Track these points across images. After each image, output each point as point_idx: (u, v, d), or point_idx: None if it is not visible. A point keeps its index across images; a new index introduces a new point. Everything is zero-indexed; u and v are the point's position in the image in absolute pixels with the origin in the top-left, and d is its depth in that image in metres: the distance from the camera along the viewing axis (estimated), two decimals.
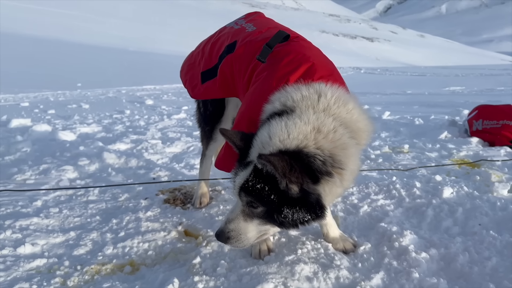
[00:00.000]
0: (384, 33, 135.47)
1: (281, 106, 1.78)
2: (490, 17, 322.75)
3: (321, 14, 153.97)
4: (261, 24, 2.40)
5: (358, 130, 1.74)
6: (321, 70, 1.88)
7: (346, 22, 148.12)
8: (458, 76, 18.93)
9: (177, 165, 3.90)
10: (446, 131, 4.68)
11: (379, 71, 25.68)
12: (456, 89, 11.12)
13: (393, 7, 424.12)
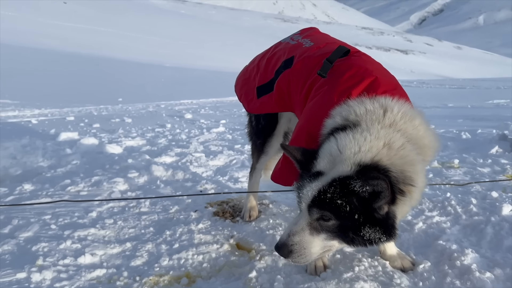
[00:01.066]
0: (419, 45, 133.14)
1: (342, 121, 1.76)
2: None
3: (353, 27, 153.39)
4: (319, 39, 2.41)
5: (424, 146, 1.71)
6: (385, 85, 1.86)
7: (379, 34, 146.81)
8: (500, 88, 18.24)
9: (221, 178, 3.93)
10: (497, 145, 4.50)
11: (416, 84, 25.16)
12: (500, 102, 10.70)
13: (428, 19, 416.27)
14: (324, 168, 1.66)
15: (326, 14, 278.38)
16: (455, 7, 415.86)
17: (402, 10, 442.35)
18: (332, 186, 1.58)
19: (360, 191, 1.53)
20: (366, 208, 1.56)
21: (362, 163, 1.58)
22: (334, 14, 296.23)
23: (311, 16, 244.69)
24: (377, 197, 1.54)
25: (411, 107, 1.83)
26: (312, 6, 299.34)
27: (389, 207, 1.59)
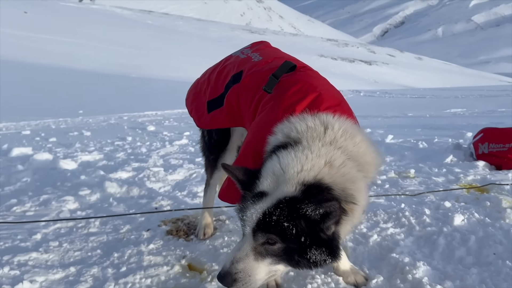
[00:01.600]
0: (382, 56, 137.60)
1: (284, 138, 1.72)
2: (486, 39, 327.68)
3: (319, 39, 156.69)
4: (267, 54, 2.39)
5: (365, 163, 1.69)
6: (328, 100, 1.85)
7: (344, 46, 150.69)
8: (458, 97, 19.02)
9: (179, 194, 3.83)
10: (452, 154, 4.62)
11: (379, 94, 25.81)
12: (457, 111, 11.13)
13: (390, 31, 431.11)
14: (268, 188, 1.60)
15: (292, 26, 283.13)
16: (415, 20, 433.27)
17: (365, 22, 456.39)
18: (278, 208, 1.52)
19: (312, 214, 1.49)
20: (313, 230, 1.52)
21: (306, 182, 1.54)
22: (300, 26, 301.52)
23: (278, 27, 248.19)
24: (327, 217, 1.50)
25: (353, 124, 1.81)
26: (278, 18, 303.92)
27: (335, 227, 1.56)
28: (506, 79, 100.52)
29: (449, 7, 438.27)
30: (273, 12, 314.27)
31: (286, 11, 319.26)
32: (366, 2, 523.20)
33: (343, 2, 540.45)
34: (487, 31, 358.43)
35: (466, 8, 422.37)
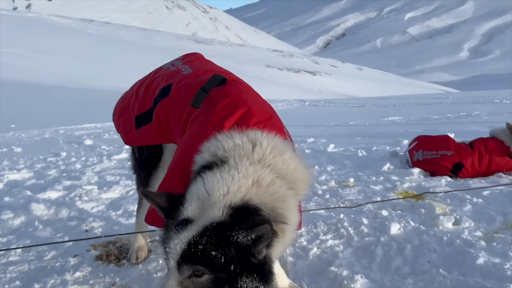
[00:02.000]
0: (325, 67, 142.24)
1: (210, 157, 1.63)
2: (421, 50, 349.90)
3: (265, 50, 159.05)
4: (198, 66, 2.30)
5: (295, 180, 1.63)
6: (258, 115, 1.78)
7: (289, 57, 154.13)
8: (395, 106, 19.92)
9: (114, 213, 3.60)
10: (389, 162, 4.76)
11: (323, 103, 26.49)
12: (395, 119, 11.64)
13: (332, 42, 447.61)
14: (193, 214, 1.48)
15: (239, 37, 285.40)
16: (355, 32, 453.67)
17: (308, 34, 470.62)
18: (204, 236, 1.40)
19: (243, 240, 1.39)
20: (243, 256, 1.42)
21: (233, 205, 1.45)
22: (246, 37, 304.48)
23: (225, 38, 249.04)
24: (258, 241, 1.41)
25: (282, 141, 1.74)
26: (225, 29, 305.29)
27: (266, 250, 1.47)
28: (440, 87, 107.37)
29: (386, 20, 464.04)
30: (219, 23, 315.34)
31: (232, 22, 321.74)
32: (308, 14, 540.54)
33: (287, 14, 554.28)
34: (421, 43, 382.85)
35: (402, 21, 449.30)
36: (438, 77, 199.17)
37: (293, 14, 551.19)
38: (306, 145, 7.23)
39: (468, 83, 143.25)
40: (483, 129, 7.76)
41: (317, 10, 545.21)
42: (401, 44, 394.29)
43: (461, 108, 13.95)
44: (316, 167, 5.04)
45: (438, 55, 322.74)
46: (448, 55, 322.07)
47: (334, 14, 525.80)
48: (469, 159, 4.35)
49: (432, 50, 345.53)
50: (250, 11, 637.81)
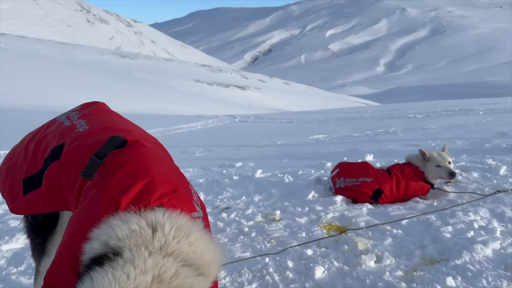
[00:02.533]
0: (254, 81, 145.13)
1: (101, 247, 1.38)
2: (342, 66, 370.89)
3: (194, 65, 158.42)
4: (96, 122, 2.03)
5: (205, 264, 1.44)
6: (162, 187, 1.57)
7: (218, 72, 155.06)
8: (320, 121, 20.69)
9: (15, 270, 3.16)
10: (313, 190, 4.79)
11: (252, 119, 26.76)
12: (319, 137, 12.02)
13: (259, 58, 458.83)
14: None
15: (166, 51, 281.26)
16: (281, 48, 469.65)
17: (236, 49, 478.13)
18: None
19: None
20: None
21: None
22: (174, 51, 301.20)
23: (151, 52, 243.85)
24: None
25: (188, 219, 1.53)
26: (151, 43, 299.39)
27: None
28: (360, 100, 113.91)
29: (309, 37, 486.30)
30: (145, 37, 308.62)
31: (159, 36, 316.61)
32: (235, 30, 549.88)
33: (214, 30, 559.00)
34: (342, 58, 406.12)
35: (323, 38, 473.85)
36: (358, 90, 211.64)
37: (220, 30, 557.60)
38: (234, 170, 7.14)
39: (385, 95, 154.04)
40: (399, 147, 8.26)
41: (244, 26, 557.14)
42: (323, 59, 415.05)
43: (379, 124, 14.83)
44: (243, 198, 4.95)
45: (357, 70, 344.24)
46: (366, 70, 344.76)
47: (260, 30, 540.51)
48: (387, 185, 4.51)
49: (351, 65, 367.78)
50: (176, 26, 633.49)
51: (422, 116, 17.47)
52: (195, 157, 9.48)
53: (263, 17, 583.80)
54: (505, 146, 7.21)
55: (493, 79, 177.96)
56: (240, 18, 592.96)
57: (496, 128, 9.96)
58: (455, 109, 20.21)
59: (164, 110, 45.39)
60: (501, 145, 7.35)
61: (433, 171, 4.58)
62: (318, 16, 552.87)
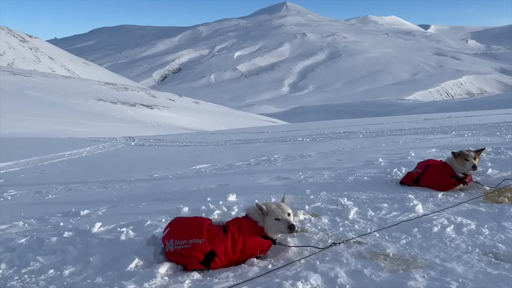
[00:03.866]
0: (162, 100, 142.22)
1: None
2: (250, 85, 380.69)
3: (96, 83, 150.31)
4: None
5: None
6: None
7: (124, 90, 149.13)
8: (218, 145, 20.13)
9: None
10: (138, 257, 3.99)
11: (151, 142, 25.37)
12: (201, 167, 11.28)
13: (168, 76, 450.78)
14: None
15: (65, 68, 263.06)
16: (190, 67, 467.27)
17: (144, 67, 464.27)
18: None
19: None
20: None
21: None
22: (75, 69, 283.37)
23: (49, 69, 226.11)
24: None
25: None
26: (48, 60, 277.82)
27: None
28: (267, 118, 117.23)
29: (217, 57, 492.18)
30: (42, 53, 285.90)
31: (58, 52, 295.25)
32: (142, 48, 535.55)
33: (119, 47, 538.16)
34: (250, 79, 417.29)
35: (232, 58, 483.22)
36: (266, 109, 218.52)
37: (126, 47, 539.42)
38: (74, 221, 6.04)
39: (291, 114, 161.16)
40: (269, 181, 7.90)
41: (151, 44, 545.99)
42: (232, 79, 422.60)
43: (267, 150, 14.65)
44: (51, 272, 3.97)
45: (264, 90, 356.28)
46: (272, 90, 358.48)
47: (168, 49, 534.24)
48: (221, 245, 3.90)
49: (259, 85, 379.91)
50: (78, 42, 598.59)
51: (309, 140, 17.83)
52: (44, 201, 8.14)
53: (171, 36, 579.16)
54: (366, 179, 7.21)
55: (383, 98, 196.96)
56: (147, 36, 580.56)
57: (366, 156, 10.21)
58: (340, 131, 21.17)
59: (58, 132, 41.54)
60: (363, 177, 7.33)
61: (273, 225, 4.12)
62: (225, 38, 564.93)
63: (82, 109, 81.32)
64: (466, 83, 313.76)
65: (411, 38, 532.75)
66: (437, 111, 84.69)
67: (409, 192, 5.94)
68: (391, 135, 16.71)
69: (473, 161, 5.86)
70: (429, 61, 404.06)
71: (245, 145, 19.04)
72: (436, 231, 4.32)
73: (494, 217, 4.62)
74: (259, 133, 29.54)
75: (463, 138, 12.68)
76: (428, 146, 11.10)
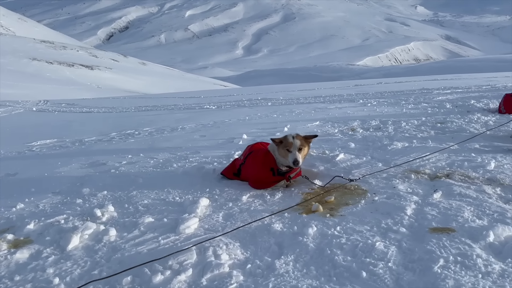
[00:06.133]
0: (105, 60, 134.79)
1: None
2: (203, 47, 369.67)
3: (31, 40, 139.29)
4: None
5: None
6: None
7: (62, 49, 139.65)
8: (121, 112, 17.89)
9: None
10: None
11: (63, 106, 22.36)
12: (41, 144, 9.13)
13: (115, 35, 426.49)
14: None
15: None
16: (138, 25, 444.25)
17: (88, 25, 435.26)
18: None
19: None
20: None
21: None
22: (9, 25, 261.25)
23: None
24: None
25: None
26: None
27: None
28: (219, 82, 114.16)
29: (168, 16, 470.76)
30: None
31: None
32: (86, 4, 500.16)
33: (60, 2, 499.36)
34: (203, 40, 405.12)
35: (183, 17, 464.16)
36: (219, 72, 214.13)
37: (68, 3, 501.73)
38: None
39: (244, 77, 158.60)
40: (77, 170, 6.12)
41: (95, 0, 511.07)
42: (184, 40, 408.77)
43: (150, 120, 12.69)
44: None
45: (218, 52, 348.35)
46: (226, 52, 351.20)
47: (114, 5, 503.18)
48: None
49: (212, 47, 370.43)
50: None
51: (214, 108, 16.13)
52: None
53: None
54: (183, 171, 5.57)
55: (334, 63, 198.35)
56: None
57: (237, 131, 8.62)
58: (258, 98, 19.55)
59: None
60: (183, 167, 5.69)
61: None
62: None
63: (13, 69, 74.68)
64: (413, 49, 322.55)
65: (364, 2, 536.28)
66: (384, 76, 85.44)
67: (212, 192, 4.39)
68: (298, 103, 15.32)
69: (296, 154, 4.31)
70: (380, 26, 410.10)
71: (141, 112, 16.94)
72: None
73: (279, 243, 3.14)
74: (190, 98, 27.30)
75: (361, 108, 11.43)
76: (316, 118, 9.74)
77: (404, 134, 6.84)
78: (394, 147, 5.85)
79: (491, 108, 9.26)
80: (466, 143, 5.76)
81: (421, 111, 9.68)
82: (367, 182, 4.36)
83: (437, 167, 4.71)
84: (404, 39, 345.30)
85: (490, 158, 4.91)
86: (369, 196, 3.93)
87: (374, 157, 5.39)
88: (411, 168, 4.77)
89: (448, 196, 3.81)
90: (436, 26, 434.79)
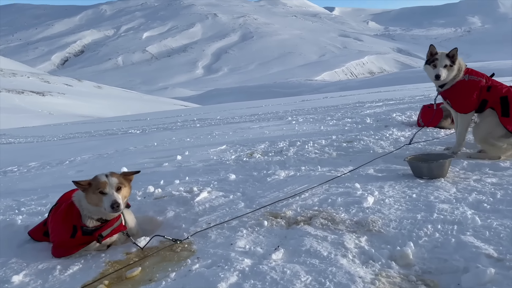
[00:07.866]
0: (57, 86, 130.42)
1: None
2: (162, 68, 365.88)
3: None
4: None
5: None
6: None
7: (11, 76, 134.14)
8: (51, 140, 16.19)
9: None
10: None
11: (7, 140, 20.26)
12: None
13: (70, 59, 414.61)
14: None
15: None
16: (94, 49, 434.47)
17: (41, 50, 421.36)
18: None
19: None
20: None
21: None
22: None
23: None
24: None
25: None
26: None
27: None
28: (179, 102, 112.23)
29: (124, 38, 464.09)
30: None
31: None
32: (38, 29, 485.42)
33: (11, 28, 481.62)
34: (162, 61, 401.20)
35: (140, 39, 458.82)
36: (180, 92, 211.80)
37: (19, 28, 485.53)
38: None
39: (206, 96, 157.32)
40: None
41: (48, 25, 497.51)
42: (142, 62, 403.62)
43: (147, 138, 11.35)
44: None
45: (178, 73, 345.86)
46: (186, 72, 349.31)
47: (68, 30, 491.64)
48: None
49: (172, 67, 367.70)
50: None
51: (139, 133, 14.83)
52: None
53: (70, 15, 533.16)
54: None
55: (293, 79, 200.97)
56: (42, 16, 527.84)
57: (131, 161, 7.43)
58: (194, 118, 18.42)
59: None
60: None
61: None
62: (132, 18, 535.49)
63: None
64: (368, 62, 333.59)
65: (318, 20, 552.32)
66: (340, 90, 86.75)
67: None
68: (226, 123, 14.30)
69: (114, 195, 3.13)
70: (334, 42, 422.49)
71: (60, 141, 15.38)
72: None
73: None
74: (135, 120, 25.80)
75: (281, 127, 10.52)
76: (227, 141, 8.66)
77: (301, 158, 5.89)
78: (276, 178, 4.84)
79: (411, 122, 8.57)
80: (361, 169, 4.85)
81: (339, 128, 8.85)
82: (205, 236, 3.28)
83: (303, 206, 3.71)
84: (358, 53, 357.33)
85: (374, 189, 3.97)
86: (188, 264, 2.83)
87: (245, 194, 4.35)
88: (274, 209, 3.74)
89: (290, 256, 2.77)
90: (387, 40, 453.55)
